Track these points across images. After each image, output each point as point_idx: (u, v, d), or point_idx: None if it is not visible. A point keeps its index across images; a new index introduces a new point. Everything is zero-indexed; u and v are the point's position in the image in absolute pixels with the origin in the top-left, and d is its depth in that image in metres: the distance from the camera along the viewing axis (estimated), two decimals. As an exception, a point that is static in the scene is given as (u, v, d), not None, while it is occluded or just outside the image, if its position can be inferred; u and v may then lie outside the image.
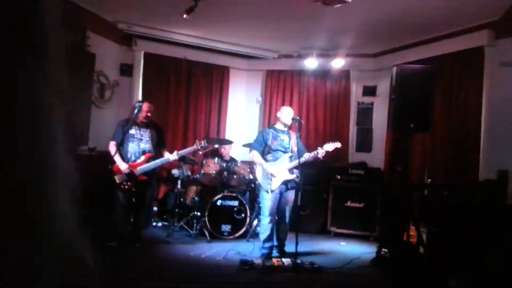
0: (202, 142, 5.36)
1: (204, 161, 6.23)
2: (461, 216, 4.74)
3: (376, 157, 7.34)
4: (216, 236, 5.77)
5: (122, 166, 4.95)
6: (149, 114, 5.14)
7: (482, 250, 4.32)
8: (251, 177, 6.27)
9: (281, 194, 4.95)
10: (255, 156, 5.02)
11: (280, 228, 5.01)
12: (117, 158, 4.97)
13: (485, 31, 5.66)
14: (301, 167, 4.91)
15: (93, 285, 0.48)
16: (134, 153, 5.07)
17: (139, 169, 4.99)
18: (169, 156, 5.17)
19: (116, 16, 6.65)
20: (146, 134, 5.16)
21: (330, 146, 5.00)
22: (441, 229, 4.78)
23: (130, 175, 4.94)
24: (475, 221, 4.62)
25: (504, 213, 4.58)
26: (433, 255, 4.59)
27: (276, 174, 4.85)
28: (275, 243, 5.05)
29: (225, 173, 6.12)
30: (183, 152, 5.34)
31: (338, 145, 5.07)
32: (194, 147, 5.38)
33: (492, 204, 4.83)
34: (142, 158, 5.06)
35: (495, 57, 5.62)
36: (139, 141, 5.10)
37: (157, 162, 5.12)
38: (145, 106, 5.16)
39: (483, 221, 4.57)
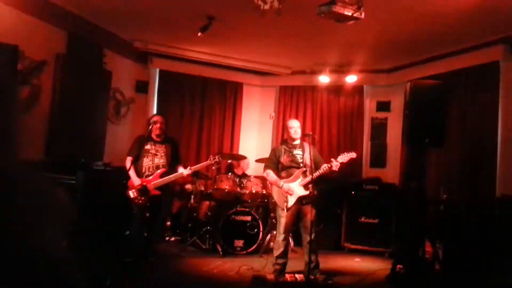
0: (216, 157, 5.36)
1: (217, 176, 6.25)
2: (478, 232, 4.65)
3: (391, 173, 7.28)
4: (229, 251, 5.76)
5: (136, 181, 4.99)
6: (159, 125, 5.15)
7: (499, 267, 4.23)
8: (264, 192, 6.26)
9: (298, 211, 4.82)
10: (270, 175, 4.92)
11: (310, 247, 4.61)
12: (131, 174, 5.02)
13: (500, 46, 5.62)
14: (317, 181, 4.82)
15: None
16: (148, 168, 5.11)
17: (153, 184, 5.03)
18: (183, 171, 5.16)
19: (132, 35, 6.80)
20: (161, 150, 5.20)
21: (344, 158, 4.78)
22: (457, 245, 4.70)
23: (144, 190, 4.96)
24: (492, 237, 4.53)
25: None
26: (449, 271, 4.50)
27: (292, 191, 4.75)
28: (306, 267, 4.62)
29: (238, 188, 6.13)
30: (196, 167, 5.38)
31: (353, 155, 4.85)
32: (208, 162, 5.40)
33: (510, 220, 4.73)
34: (156, 173, 5.10)
35: (510, 72, 5.57)
36: (154, 156, 5.14)
37: (171, 177, 5.12)
38: (156, 118, 5.21)
39: (499, 237, 4.48)
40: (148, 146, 5.15)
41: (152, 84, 7.47)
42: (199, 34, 5.62)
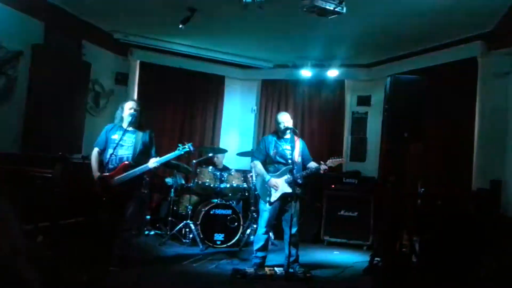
0: (186, 146, 4.59)
1: (198, 170, 6.23)
2: (454, 225, 4.74)
3: (370, 166, 7.36)
4: (209, 244, 5.75)
5: (95, 175, 4.44)
6: (131, 111, 4.52)
7: (475, 260, 4.32)
8: (245, 185, 6.26)
9: (280, 206, 4.83)
10: (257, 166, 4.90)
11: (291, 241, 4.65)
12: (92, 166, 4.50)
13: (478, 42, 5.71)
14: (302, 179, 4.85)
15: None
16: (111, 161, 4.42)
17: (116, 180, 4.36)
18: (148, 164, 4.46)
19: (112, 26, 6.69)
20: (129, 140, 4.51)
21: (333, 162, 4.79)
22: (434, 238, 4.78)
23: (104, 186, 4.34)
24: (468, 231, 4.62)
25: (497, 223, 4.59)
26: (426, 264, 4.58)
27: (277, 187, 4.74)
28: (285, 260, 4.67)
29: (219, 182, 6.11)
30: (163, 158, 4.55)
31: (342, 161, 4.97)
32: (177, 152, 4.60)
33: (485, 213, 4.83)
34: (119, 166, 4.43)
35: (488, 68, 5.66)
36: (120, 147, 4.43)
37: (135, 171, 4.41)
38: (128, 103, 4.63)
39: (475, 230, 4.58)
40: (115, 136, 4.50)
41: (132, 76, 7.38)
42: (180, 26, 5.56)
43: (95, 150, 4.59)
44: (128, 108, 4.57)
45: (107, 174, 4.39)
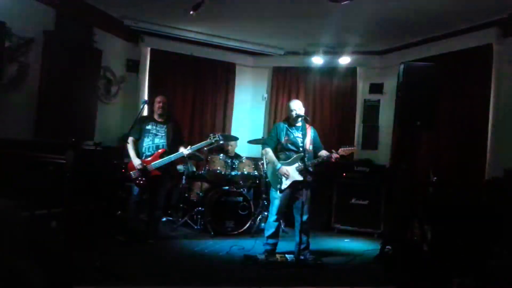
0: (217, 136, 5.34)
1: (209, 157, 6.24)
2: (466, 214, 4.70)
3: (382, 155, 7.31)
4: (220, 231, 5.78)
5: (135, 162, 5.03)
6: (161, 105, 5.24)
7: (486, 249, 4.29)
8: (256, 173, 6.27)
9: (291, 194, 4.83)
10: (269, 154, 4.88)
11: (301, 228, 4.67)
12: (131, 154, 5.07)
13: (493, 28, 5.61)
14: (314, 167, 4.83)
15: None
16: (148, 148, 5.14)
17: (153, 165, 5.05)
18: (183, 151, 5.17)
19: (122, 13, 6.68)
20: (162, 130, 5.22)
21: (346, 151, 4.77)
22: (446, 227, 4.75)
23: (143, 171, 5.00)
24: (480, 220, 4.58)
25: (510, 212, 4.54)
26: (437, 253, 4.56)
27: (288, 175, 4.73)
28: (296, 248, 4.63)
29: (230, 169, 6.12)
30: (196, 146, 5.32)
31: (354, 150, 4.91)
32: (208, 141, 5.35)
33: (498, 203, 4.78)
34: (156, 153, 5.11)
35: (503, 55, 5.56)
36: (154, 136, 5.17)
37: (171, 157, 5.11)
38: (158, 98, 5.31)
39: (488, 220, 4.54)
40: (149, 126, 5.19)
41: (143, 63, 7.36)
42: (191, 13, 5.51)
43: (130, 139, 5.12)
44: (158, 102, 5.27)
45: (147, 159, 5.07)
